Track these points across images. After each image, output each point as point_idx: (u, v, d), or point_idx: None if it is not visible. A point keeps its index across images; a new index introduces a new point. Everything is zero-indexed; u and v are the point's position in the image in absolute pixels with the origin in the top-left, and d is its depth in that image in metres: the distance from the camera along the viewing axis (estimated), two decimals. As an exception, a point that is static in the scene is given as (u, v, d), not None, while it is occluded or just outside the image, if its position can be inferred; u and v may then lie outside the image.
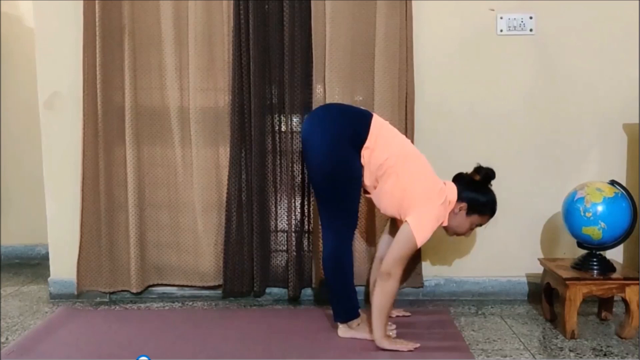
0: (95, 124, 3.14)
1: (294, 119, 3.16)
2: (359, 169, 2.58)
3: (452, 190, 2.62)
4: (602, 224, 2.64)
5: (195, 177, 3.19)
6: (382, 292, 2.54)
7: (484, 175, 2.66)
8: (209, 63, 3.15)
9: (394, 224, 2.75)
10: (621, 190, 2.72)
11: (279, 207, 3.23)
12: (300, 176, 3.18)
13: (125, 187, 3.19)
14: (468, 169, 2.72)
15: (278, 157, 3.20)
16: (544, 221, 3.20)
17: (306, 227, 3.20)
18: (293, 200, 3.16)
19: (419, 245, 2.52)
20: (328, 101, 3.07)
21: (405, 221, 2.53)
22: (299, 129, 3.12)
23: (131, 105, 3.13)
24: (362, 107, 2.81)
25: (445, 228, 2.69)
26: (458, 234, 2.73)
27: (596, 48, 3.13)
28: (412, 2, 3.05)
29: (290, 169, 3.15)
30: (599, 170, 3.12)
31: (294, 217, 3.16)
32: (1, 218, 4.17)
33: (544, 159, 3.17)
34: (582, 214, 2.67)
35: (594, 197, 2.67)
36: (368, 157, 2.56)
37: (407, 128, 3.06)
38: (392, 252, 2.53)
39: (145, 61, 3.17)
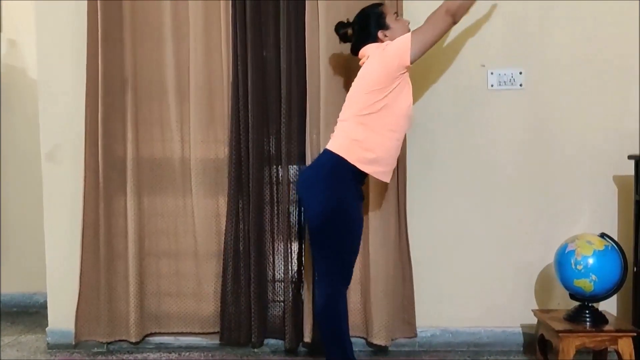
0: (96, 175, 3.20)
1: (291, 170, 3.22)
2: (358, 220, 2.63)
3: (368, 47, 2.70)
4: (593, 277, 2.67)
5: (196, 227, 3.24)
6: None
7: (344, 25, 2.82)
8: (209, 116, 3.23)
9: None
10: (611, 243, 2.76)
11: (276, 257, 3.26)
12: (297, 226, 3.23)
13: (125, 237, 3.24)
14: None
15: (275, 206, 3.24)
16: (538, 271, 3.22)
17: (303, 277, 3.21)
18: (290, 250, 3.20)
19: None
20: (324, 143, 3.08)
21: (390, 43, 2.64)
22: (296, 179, 3.19)
23: (132, 157, 3.21)
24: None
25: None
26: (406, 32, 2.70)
27: (585, 101, 3.20)
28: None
29: (287, 218, 3.19)
30: (590, 221, 3.17)
31: (290, 267, 3.19)
32: (0, 265, 4.19)
33: (537, 210, 3.22)
34: (574, 266, 2.71)
35: (584, 250, 2.71)
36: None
37: (398, 175, 3.10)
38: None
39: (147, 114, 3.25)
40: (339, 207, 2.58)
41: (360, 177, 2.67)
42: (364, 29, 2.74)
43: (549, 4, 3.17)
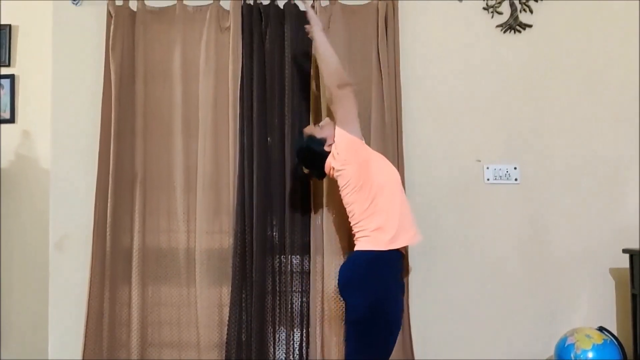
0: (102, 264, 3.26)
1: (294, 260, 3.28)
2: (395, 321, 2.63)
3: (328, 163, 2.83)
4: (594, 372, 2.69)
5: (199, 317, 3.26)
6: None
7: (301, 169, 3.08)
8: (215, 207, 3.32)
9: None
10: (610, 337, 2.80)
11: (277, 348, 3.26)
12: (299, 317, 3.26)
13: (128, 326, 3.26)
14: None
15: (277, 297, 3.28)
16: (539, 365, 3.24)
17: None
18: (292, 341, 3.21)
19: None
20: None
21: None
22: (298, 270, 3.26)
23: (139, 247, 3.28)
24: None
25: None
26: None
27: (580, 195, 3.30)
28: (404, 151, 3.26)
29: (289, 308, 3.23)
30: (588, 314, 3.20)
31: (292, 358, 3.19)
32: (1, 353, 4.16)
33: (535, 303, 3.25)
34: (574, 360, 2.73)
35: (583, 344, 2.75)
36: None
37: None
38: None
39: (155, 205, 3.35)
40: (377, 304, 2.58)
41: (399, 258, 2.71)
42: (314, 158, 2.88)
43: (542, 103, 3.33)
